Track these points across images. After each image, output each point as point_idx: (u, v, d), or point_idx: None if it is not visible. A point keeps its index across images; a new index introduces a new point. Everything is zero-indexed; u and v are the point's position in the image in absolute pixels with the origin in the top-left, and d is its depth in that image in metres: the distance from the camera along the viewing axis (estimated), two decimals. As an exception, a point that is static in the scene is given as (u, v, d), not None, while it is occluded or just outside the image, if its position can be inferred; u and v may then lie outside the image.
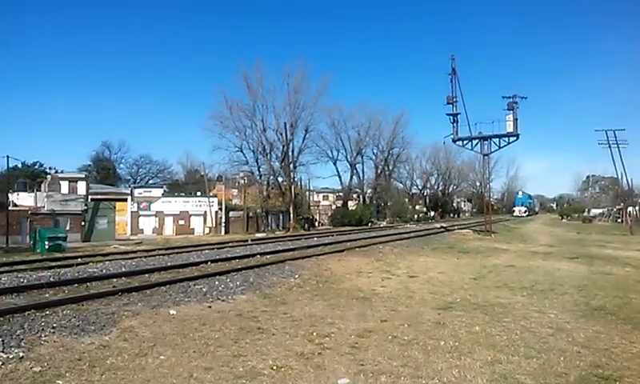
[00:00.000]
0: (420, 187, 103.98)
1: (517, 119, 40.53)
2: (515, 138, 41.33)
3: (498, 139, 42.24)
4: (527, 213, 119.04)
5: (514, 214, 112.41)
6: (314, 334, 8.75)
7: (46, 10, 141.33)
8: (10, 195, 41.13)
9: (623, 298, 12.95)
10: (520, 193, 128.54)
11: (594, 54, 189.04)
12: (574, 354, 7.72)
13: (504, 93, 41.10)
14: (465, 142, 44.20)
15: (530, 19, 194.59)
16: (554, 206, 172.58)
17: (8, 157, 36.80)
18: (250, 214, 54.41)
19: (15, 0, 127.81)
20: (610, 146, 57.26)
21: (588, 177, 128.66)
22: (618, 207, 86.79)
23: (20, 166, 61.38)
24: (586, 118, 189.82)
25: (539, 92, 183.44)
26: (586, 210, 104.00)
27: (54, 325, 8.84)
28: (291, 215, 54.43)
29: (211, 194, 55.05)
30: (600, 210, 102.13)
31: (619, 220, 79.44)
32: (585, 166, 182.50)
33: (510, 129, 40.82)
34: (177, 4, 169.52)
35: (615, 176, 71.32)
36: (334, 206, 78.54)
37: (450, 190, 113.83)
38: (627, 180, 67.52)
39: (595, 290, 14.08)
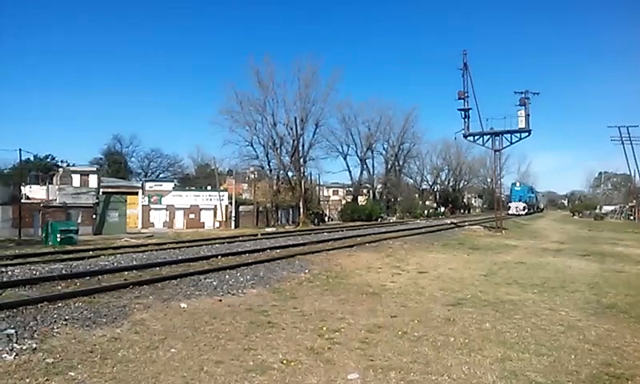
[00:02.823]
0: (430, 183, 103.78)
1: (529, 115, 40.27)
2: (527, 134, 41.04)
3: (509, 135, 42.02)
4: (527, 210, 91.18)
5: (510, 211, 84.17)
6: (324, 328, 8.76)
7: (57, 4, 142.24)
8: (22, 188, 41.54)
9: (635, 296, 12.82)
10: (517, 184, 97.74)
11: (607, 49, 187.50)
12: (585, 351, 7.66)
13: (516, 88, 40.72)
14: (476, 137, 43.97)
15: (543, 14, 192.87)
16: (566, 202, 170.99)
17: (20, 150, 37.32)
18: (260, 209, 54.55)
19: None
20: (622, 143, 56.97)
21: (600, 173, 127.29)
22: (630, 204, 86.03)
23: (32, 159, 62.16)
24: (598, 114, 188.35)
25: (552, 88, 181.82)
26: (598, 207, 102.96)
27: (67, 317, 8.94)
28: (301, 210, 54.50)
29: (221, 189, 55.30)
30: (612, 207, 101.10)
31: (631, 217, 78.77)
32: (597, 162, 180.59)
33: (522, 124, 40.53)
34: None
35: (628, 173, 70.96)
36: (343, 201, 78.47)
37: (461, 185, 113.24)
38: (640, 177, 66.87)
39: (607, 288, 13.96)
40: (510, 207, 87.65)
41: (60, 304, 9.93)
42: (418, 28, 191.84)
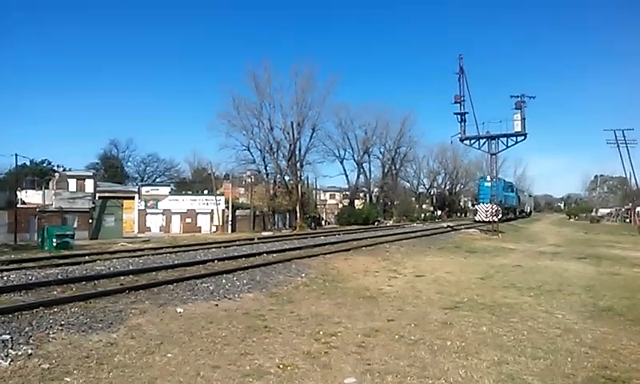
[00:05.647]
0: (427, 186, 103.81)
1: (525, 118, 40.27)
2: (523, 138, 41.07)
3: (505, 138, 42.01)
4: (501, 215, 51.89)
5: (476, 217, 56.35)
6: (321, 333, 8.74)
7: (53, 7, 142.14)
8: (18, 193, 41.40)
9: (631, 298, 12.86)
10: (488, 179, 53.98)
11: (603, 53, 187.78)
12: (582, 355, 7.67)
13: (512, 92, 40.69)
14: (472, 141, 44.00)
15: (539, 18, 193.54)
16: (562, 205, 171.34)
17: (16, 155, 37.08)
18: (257, 213, 54.50)
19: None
20: (618, 146, 57.02)
21: (596, 176, 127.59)
22: (626, 207, 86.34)
23: (28, 164, 61.67)
24: (594, 117, 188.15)
25: (548, 91, 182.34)
26: (594, 209, 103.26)
27: (62, 322, 8.89)
28: (298, 214, 54.44)
29: (218, 193, 55.20)
30: (608, 210, 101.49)
31: (627, 220, 79.04)
32: (593, 165, 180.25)
33: (518, 128, 40.57)
34: (184, 3, 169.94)
35: (624, 176, 71.15)
36: (340, 205, 78.55)
37: (457, 189, 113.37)
38: (636, 180, 67.12)
39: (603, 291, 13.99)
40: (475, 210, 59.60)
41: (56, 309, 9.89)
42: (415, 32, 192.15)
